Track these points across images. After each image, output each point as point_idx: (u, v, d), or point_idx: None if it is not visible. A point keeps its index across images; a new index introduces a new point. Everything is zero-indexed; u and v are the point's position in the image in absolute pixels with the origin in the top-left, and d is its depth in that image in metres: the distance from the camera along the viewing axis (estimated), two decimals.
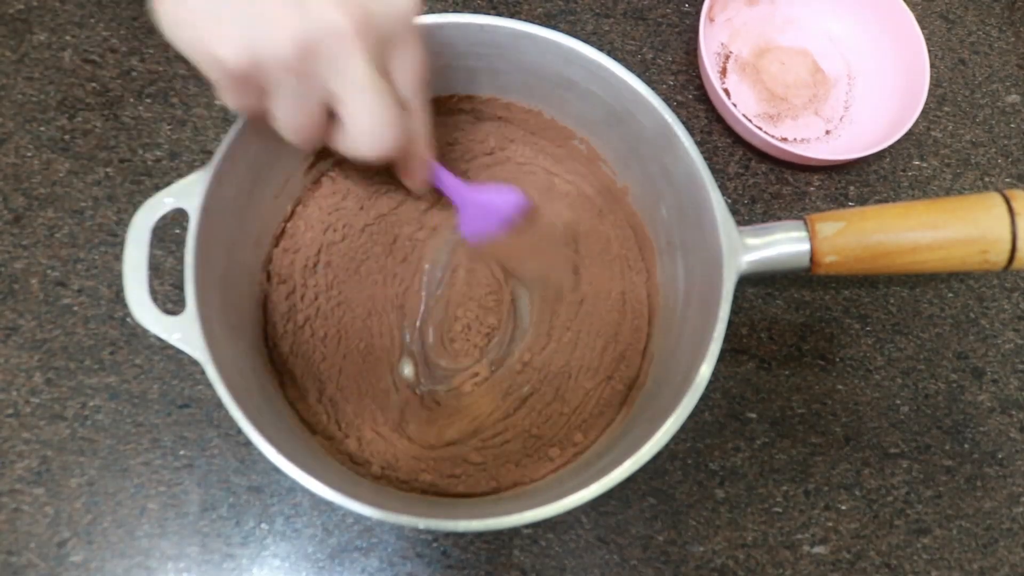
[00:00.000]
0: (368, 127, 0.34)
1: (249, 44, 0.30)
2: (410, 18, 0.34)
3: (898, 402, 0.50)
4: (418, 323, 0.47)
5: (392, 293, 0.47)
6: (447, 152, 0.50)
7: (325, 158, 0.48)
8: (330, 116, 0.34)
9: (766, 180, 0.54)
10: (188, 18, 0.30)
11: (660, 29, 0.58)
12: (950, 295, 0.53)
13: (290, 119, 0.34)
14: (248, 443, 0.46)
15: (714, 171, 0.40)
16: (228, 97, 0.33)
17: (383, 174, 0.48)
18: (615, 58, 0.41)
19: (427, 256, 0.48)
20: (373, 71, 0.32)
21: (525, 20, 0.42)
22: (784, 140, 0.54)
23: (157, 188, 0.40)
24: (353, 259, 0.47)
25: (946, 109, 0.57)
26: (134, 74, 0.54)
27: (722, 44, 0.58)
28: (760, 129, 0.51)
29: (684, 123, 0.40)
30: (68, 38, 0.54)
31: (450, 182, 0.43)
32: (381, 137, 0.34)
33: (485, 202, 0.44)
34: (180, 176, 0.40)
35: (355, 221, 0.48)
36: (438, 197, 0.48)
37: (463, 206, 0.44)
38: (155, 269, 0.49)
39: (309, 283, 0.47)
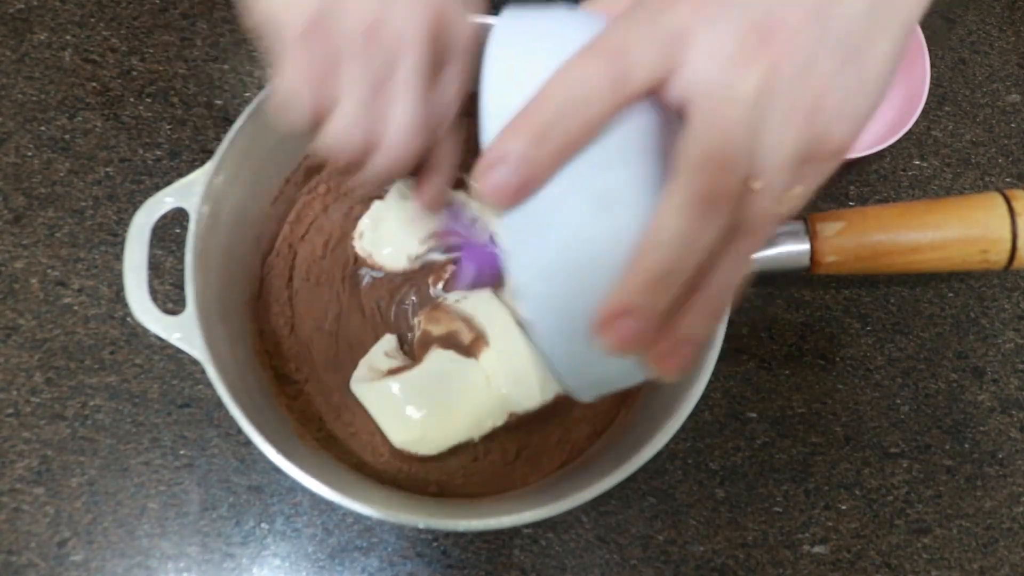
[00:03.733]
0: (398, 126, 0.32)
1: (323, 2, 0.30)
2: (474, 36, 0.34)
3: (898, 402, 0.50)
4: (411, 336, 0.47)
5: (387, 300, 0.47)
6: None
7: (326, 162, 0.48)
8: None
9: None
10: None
11: None
12: (950, 295, 0.53)
13: (353, 104, 0.31)
14: (248, 443, 0.46)
15: None
16: (293, 66, 0.31)
17: None
18: None
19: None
20: (424, 71, 0.32)
21: None
22: None
23: (157, 188, 0.40)
24: (349, 263, 0.47)
25: (946, 108, 0.57)
26: (134, 73, 0.54)
27: None
28: None
29: None
30: (68, 37, 0.54)
31: (463, 222, 0.41)
32: (403, 137, 0.33)
33: (487, 253, 0.41)
34: (180, 176, 0.40)
35: (349, 225, 0.48)
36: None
37: (466, 249, 0.42)
38: (155, 269, 0.49)
39: (307, 285, 0.47)
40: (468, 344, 0.41)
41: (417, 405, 0.40)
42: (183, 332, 0.37)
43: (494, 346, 0.40)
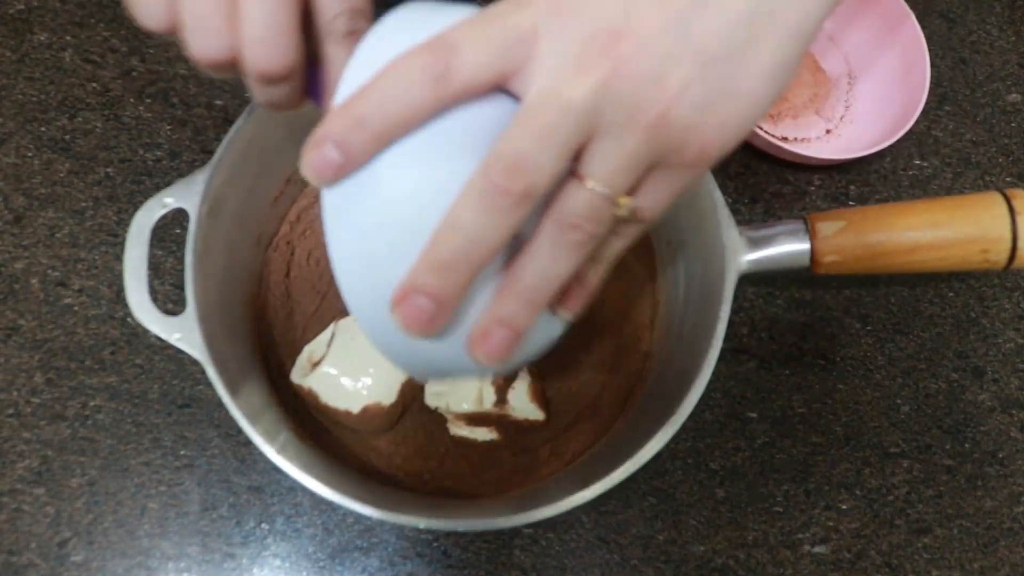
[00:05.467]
0: (257, 29, 0.28)
1: None
2: None
3: (899, 401, 0.50)
4: None
5: None
6: None
7: None
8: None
9: (766, 179, 0.54)
10: None
11: None
12: (951, 295, 0.53)
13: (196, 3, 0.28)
14: (248, 443, 0.46)
15: (714, 171, 0.40)
16: None
17: None
18: None
19: None
20: None
21: None
22: (784, 139, 0.54)
23: (157, 188, 0.40)
24: None
25: (947, 108, 0.57)
26: (135, 74, 0.54)
27: None
28: (760, 128, 0.51)
29: None
30: (68, 38, 0.54)
31: None
32: (265, 46, 0.28)
33: None
34: (180, 176, 0.40)
35: None
36: None
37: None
38: (155, 269, 0.49)
39: (307, 285, 0.47)
40: None
41: (354, 372, 0.42)
42: (183, 332, 0.37)
43: None
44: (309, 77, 0.32)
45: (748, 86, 0.25)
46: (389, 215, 0.25)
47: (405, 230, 0.25)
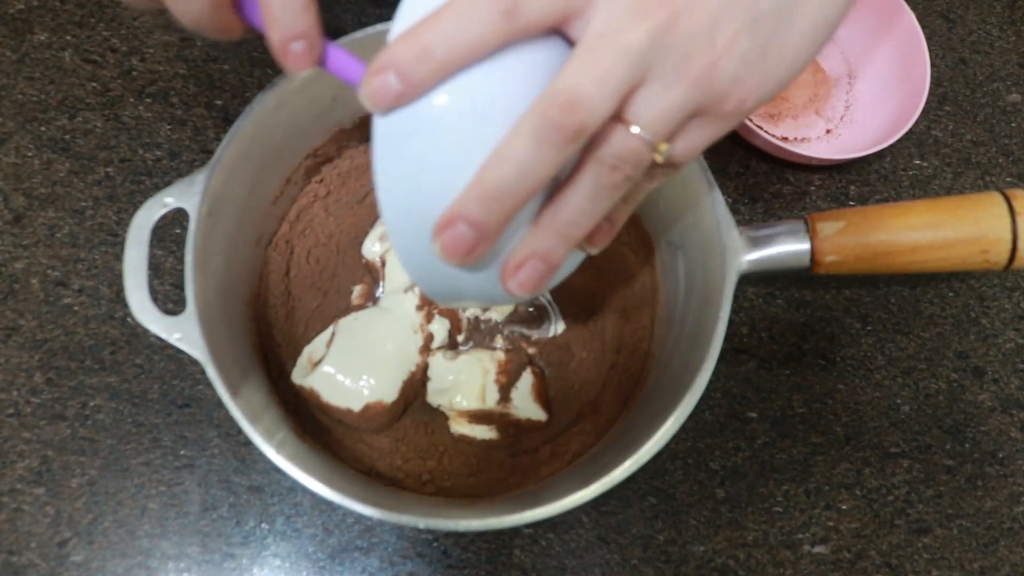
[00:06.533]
0: None
1: None
2: None
3: (899, 401, 0.50)
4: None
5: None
6: None
7: (328, 161, 0.48)
8: None
9: (767, 179, 0.54)
10: None
11: None
12: (951, 295, 0.53)
13: None
14: (248, 443, 0.46)
15: (714, 171, 0.40)
16: None
17: None
18: None
19: None
20: None
21: None
22: (785, 139, 0.54)
23: (157, 188, 0.40)
24: (350, 263, 0.47)
25: (947, 108, 0.57)
26: (134, 74, 0.54)
27: None
28: (760, 128, 0.51)
29: None
30: (68, 38, 0.54)
31: (353, 67, 0.32)
32: None
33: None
34: (180, 176, 0.40)
35: (349, 226, 0.48)
36: None
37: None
38: (155, 269, 0.49)
39: (307, 284, 0.47)
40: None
41: (355, 371, 0.42)
42: (183, 332, 0.37)
43: None
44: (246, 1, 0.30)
45: (792, 42, 0.26)
46: (440, 146, 0.25)
47: (454, 161, 0.25)
